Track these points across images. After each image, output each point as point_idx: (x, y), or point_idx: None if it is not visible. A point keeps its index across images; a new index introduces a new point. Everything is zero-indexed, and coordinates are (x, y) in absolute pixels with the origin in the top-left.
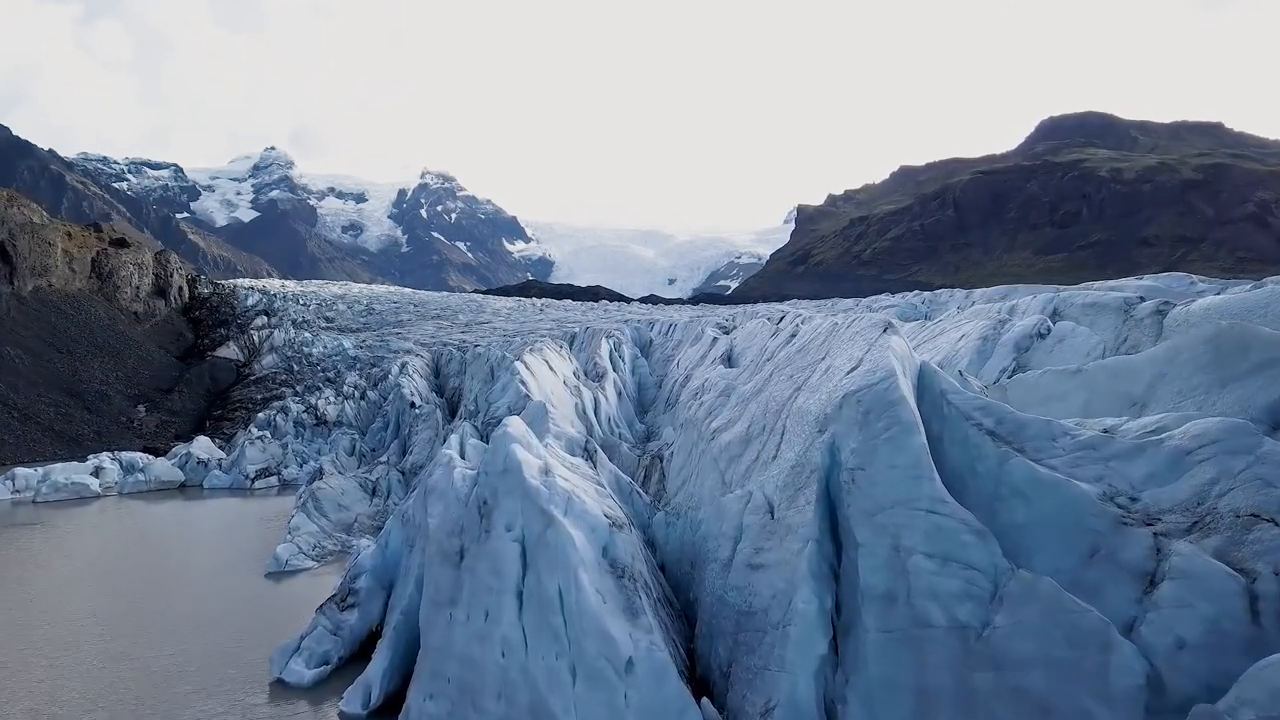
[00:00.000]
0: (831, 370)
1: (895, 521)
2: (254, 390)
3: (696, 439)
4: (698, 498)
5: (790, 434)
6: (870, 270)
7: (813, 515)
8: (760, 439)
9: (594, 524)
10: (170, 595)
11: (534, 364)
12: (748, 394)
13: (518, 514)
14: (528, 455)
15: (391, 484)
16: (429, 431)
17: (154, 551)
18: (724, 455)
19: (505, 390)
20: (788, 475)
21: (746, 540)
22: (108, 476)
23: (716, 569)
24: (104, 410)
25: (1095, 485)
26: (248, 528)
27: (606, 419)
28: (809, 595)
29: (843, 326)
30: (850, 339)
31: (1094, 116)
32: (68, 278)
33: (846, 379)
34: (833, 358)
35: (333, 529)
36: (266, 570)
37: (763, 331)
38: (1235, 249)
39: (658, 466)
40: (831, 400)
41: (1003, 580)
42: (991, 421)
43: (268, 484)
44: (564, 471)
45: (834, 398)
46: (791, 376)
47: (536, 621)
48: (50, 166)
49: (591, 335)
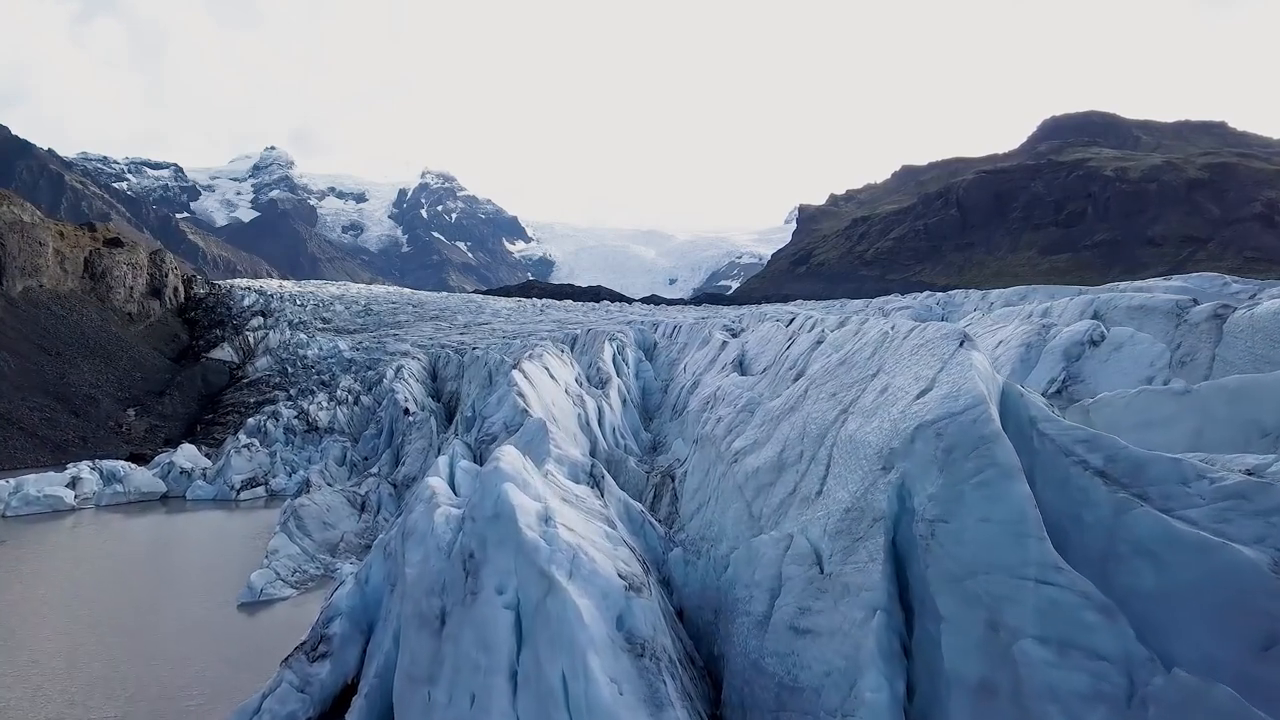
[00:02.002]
0: (892, 391)
1: (992, 591)
2: (247, 393)
3: (715, 459)
4: (718, 528)
5: (839, 467)
6: (873, 270)
7: (880, 577)
8: (796, 467)
9: (606, 588)
10: (125, 634)
11: (533, 372)
12: (776, 411)
13: (511, 574)
14: (523, 498)
15: (382, 498)
16: (422, 441)
17: (119, 577)
18: (750, 483)
19: (501, 403)
20: (841, 520)
21: (788, 596)
22: (85, 488)
23: (749, 625)
24: (91, 415)
25: (1258, 549)
26: (228, 546)
27: (611, 429)
28: (878, 680)
29: (897, 336)
30: (913, 353)
31: (1096, 115)
32: (59, 278)
33: (917, 404)
34: (890, 375)
35: (316, 550)
36: (239, 600)
37: (777, 336)
38: (1243, 249)
39: (669, 486)
40: (899, 431)
41: (1140, 676)
42: (1100, 459)
43: (254, 495)
44: (568, 516)
45: (902, 427)
46: (834, 395)
47: (535, 715)
48: (49, 166)
49: (594, 338)
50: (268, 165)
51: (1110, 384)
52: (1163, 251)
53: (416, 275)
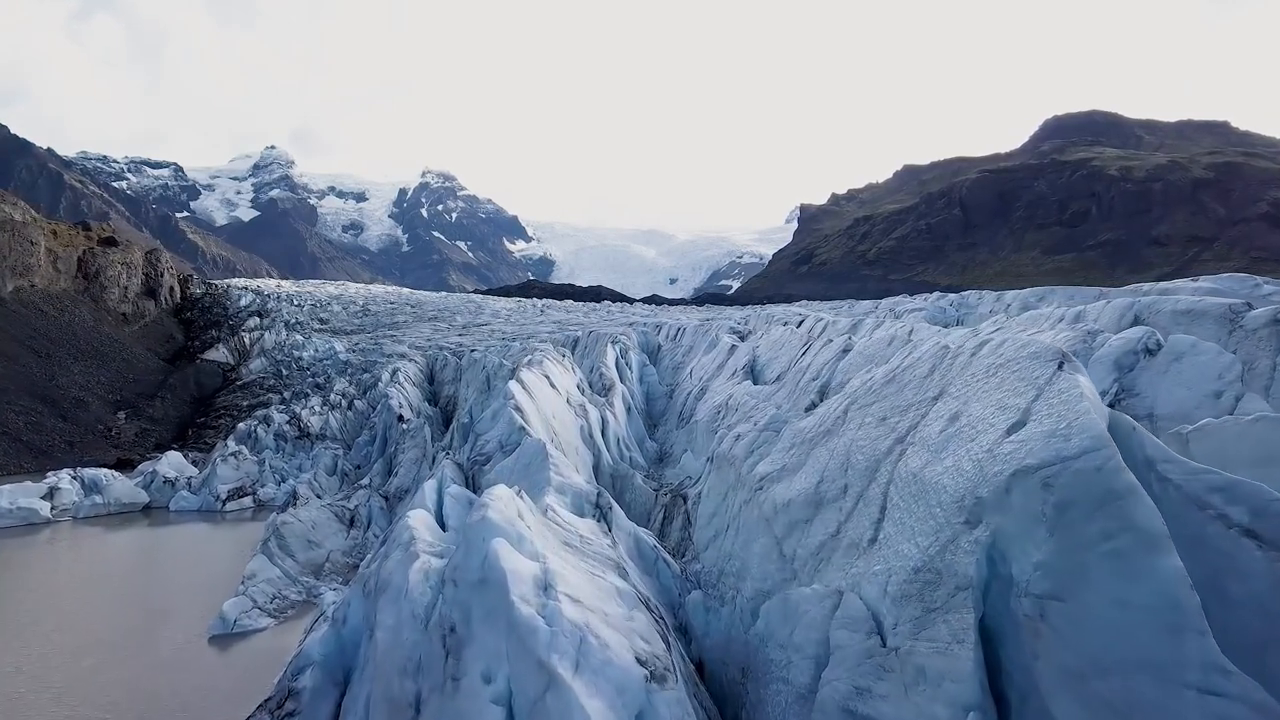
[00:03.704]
0: (967, 422)
1: (1134, 698)
2: (240, 396)
3: (734, 483)
4: (740, 563)
5: (900, 512)
6: (875, 270)
7: (971, 666)
8: (838, 505)
9: (621, 681)
10: (73, 678)
11: (532, 382)
12: (809, 433)
13: (501, 658)
14: (516, 560)
15: (373, 512)
16: (416, 451)
17: (82, 602)
18: (780, 517)
19: (497, 418)
20: (908, 582)
21: (839, 669)
22: (63, 499)
23: (787, 697)
24: (79, 418)
25: None
26: (208, 563)
27: (616, 440)
28: None
29: (963, 352)
30: (990, 374)
31: (1098, 115)
32: (52, 278)
33: (1009, 443)
34: (960, 400)
35: (299, 572)
36: (210, 633)
37: (791, 341)
38: (1249, 249)
39: (681, 508)
40: (986, 475)
41: None
42: (1244, 513)
43: (240, 506)
44: (572, 580)
45: (990, 471)
46: (884, 419)
47: None
48: (48, 165)
49: (596, 340)
50: (268, 165)
51: (1171, 399)
52: (1168, 251)
53: (417, 275)
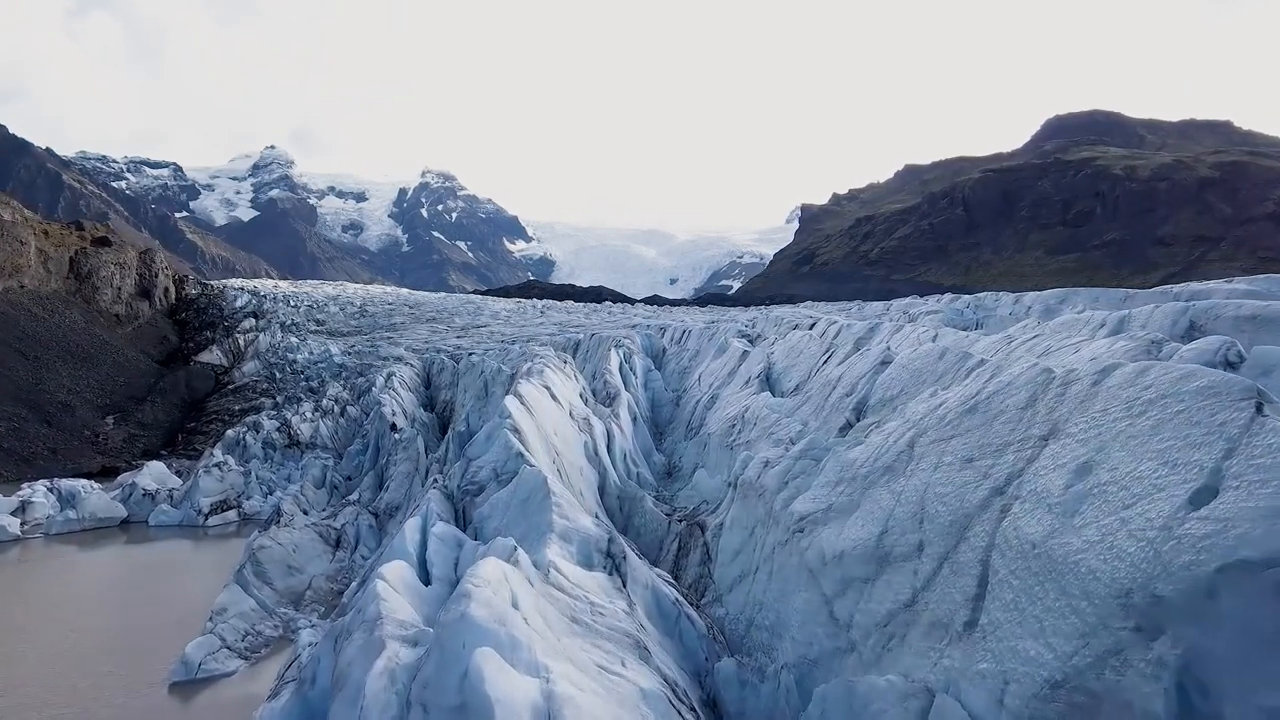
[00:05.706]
0: (1114, 478)
1: None
2: (232, 400)
3: (765, 518)
4: (775, 616)
5: (1014, 591)
6: (877, 270)
7: None
8: (911, 565)
9: None
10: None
11: (532, 396)
12: (861, 468)
13: None
14: (508, 681)
15: (361, 531)
16: (408, 464)
17: (36, 637)
18: (832, 571)
19: (492, 441)
20: (1039, 698)
21: None
22: (35, 513)
23: None
24: (65, 423)
25: None
26: (183, 587)
27: (622, 455)
28: None
29: (1079, 379)
30: (1137, 413)
31: (1100, 114)
32: (42, 278)
33: (1197, 518)
34: (1094, 445)
35: (277, 602)
36: (171, 679)
37: (810, 347)
38: (1256, 248)
39: (698, 539)
40: (1167, 562)
41: None
42: None
43: (224, 520)
44: (584, 706)
45: (1176, 560)
46: (972, 461)
47: None
48: (47, 165)
49: (598, 343)
50: (267, 164)
51: None
52: (1173, 251)
53: (416, 275)
